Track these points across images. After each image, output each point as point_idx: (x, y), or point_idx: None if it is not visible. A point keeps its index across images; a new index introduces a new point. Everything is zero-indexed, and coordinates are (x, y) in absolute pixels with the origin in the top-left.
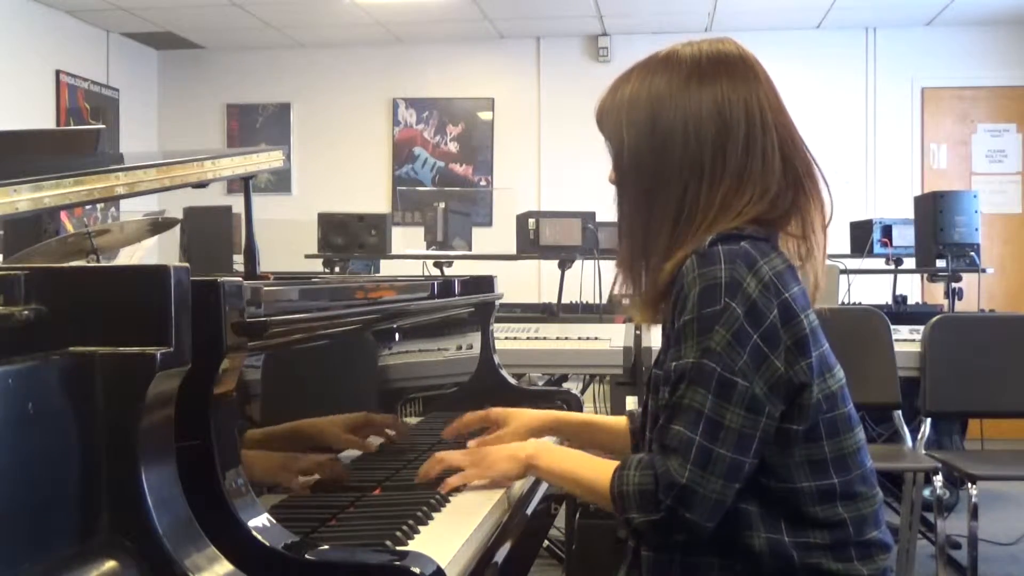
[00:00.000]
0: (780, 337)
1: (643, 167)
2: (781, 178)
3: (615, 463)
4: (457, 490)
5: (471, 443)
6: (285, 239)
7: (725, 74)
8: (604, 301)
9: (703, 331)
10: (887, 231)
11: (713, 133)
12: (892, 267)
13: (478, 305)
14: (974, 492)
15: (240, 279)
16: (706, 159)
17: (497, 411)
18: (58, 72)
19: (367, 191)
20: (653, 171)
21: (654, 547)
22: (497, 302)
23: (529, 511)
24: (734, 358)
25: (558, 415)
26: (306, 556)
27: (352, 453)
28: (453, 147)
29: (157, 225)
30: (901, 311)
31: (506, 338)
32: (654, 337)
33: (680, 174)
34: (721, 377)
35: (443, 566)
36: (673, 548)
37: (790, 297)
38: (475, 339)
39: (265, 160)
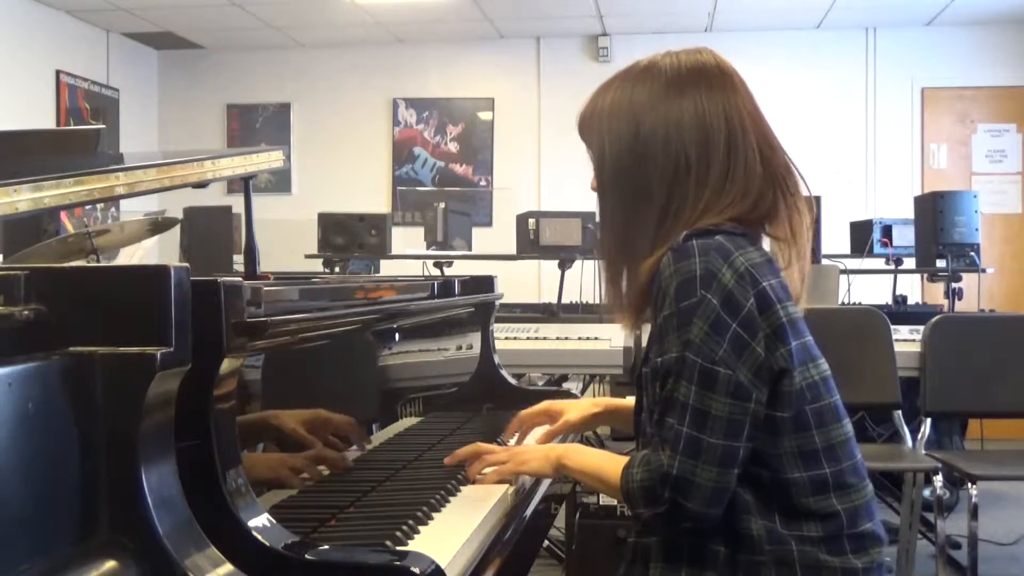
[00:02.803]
0: (758, 324)
1: (625, 175)
2: (762, 182)
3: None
4: (458, 489)
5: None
6: (285, 239)
7: (704, 83)
8: (604, 301)
9: (682, 324)
10: (887, 231)
11: (694, 140)
12: (892, 267)
13: (478, 305)
14: (974, 492)
15: (240, 279)
16: (691, 165)
17: (555, 403)
18: (58, 72)
19: (367, 191)
20: (636, 178)
21: (669, 535)
22: (497, 302)
23: (529, 511)
24: (713, 348)
25: (613, 402)
26: (306, 556)
27: (351, 453)
28: (453, 147)
29: (157, 225)
30: (901, 311)
31: (506, 338)
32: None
33: (663, 181)
34: (702, 368)
35: (443, 566)
36: (680, 535)
37: (767, 287)
38: (475, 339)
39: (265, 160)
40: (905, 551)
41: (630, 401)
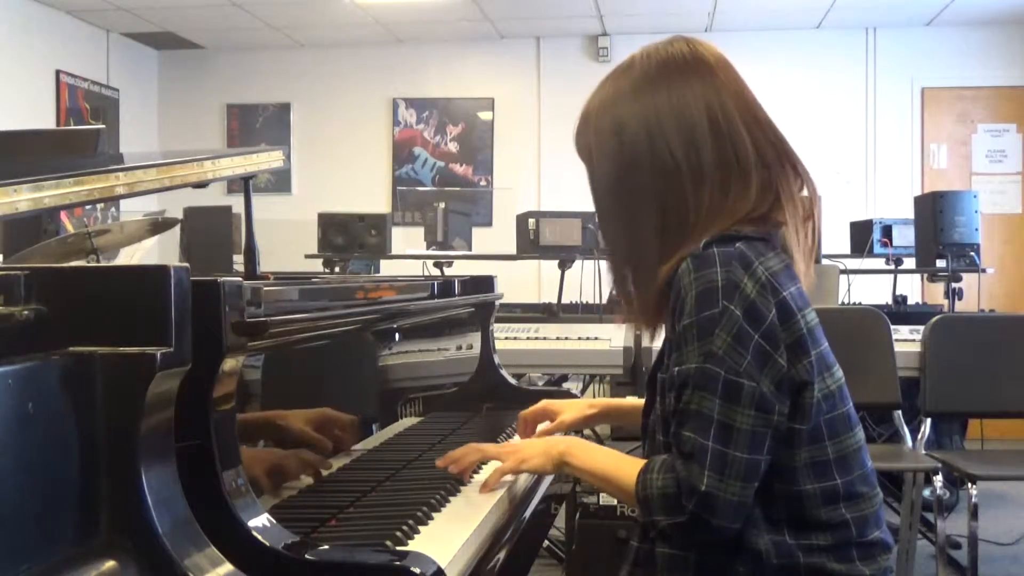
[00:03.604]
0: (780, 336)
1: (618, 183)
2: (757, 162)
3: (642, 462)
4: (458, 489)
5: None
6: (285, 239)
7: (676, 74)
8: (604, 301)
9: (703, 335)
10: (887, 231)
11: (677, 135)
12: (892, 267)
13: (478, 305)
14: (974, 492)
15: (240, 279)
16: (679, 161)
17: (552, 402)
18: (58, 72)
19: (367, 191)
20: (627, 185)
21: (680, 546)
22: (497, 302)
23: (529, 511)
24: (737, 360)
25: (609, 402)
26: (306, 556)
27: (351, 453)
28: (453, 147)
29: (157, 225)
30: (901, 311)
31: (506, 338)
32: (654, 337)
33: (654, 182)
34: (726, 380)
35: (443, 566)
36: (688, 547)
37: (787, 296)
38: (475, 339)
39: (265, 160)
40: (905, 551)
41: (627, 401)
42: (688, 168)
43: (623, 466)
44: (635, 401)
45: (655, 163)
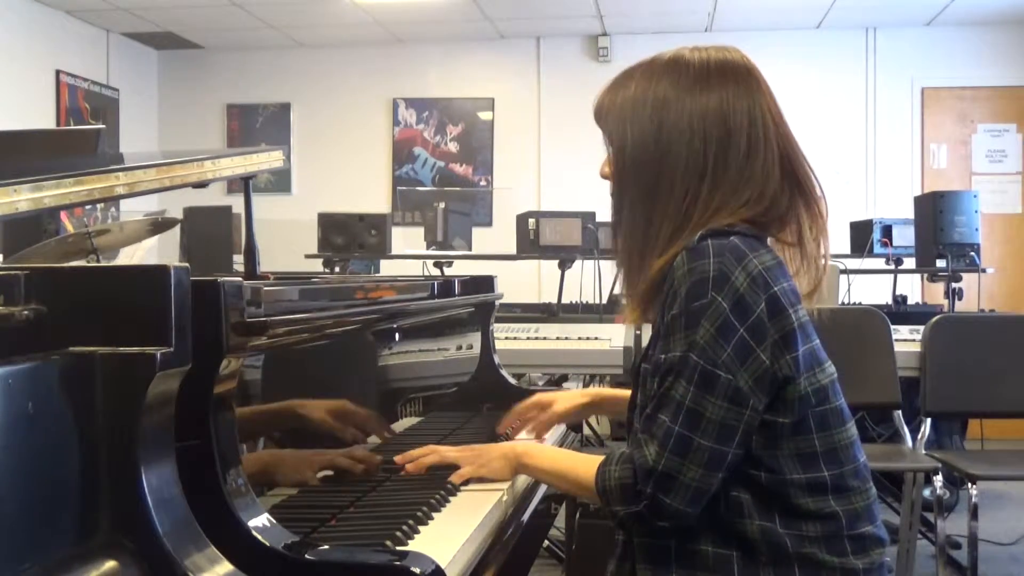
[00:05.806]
0: (767, 330)
1: (646, 167)
2: (779, 184)
3: (600, 459)
4: (458, 490)
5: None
6: (285, 239)
7: (731, 82)
8: (604, 301)
9: (690, 325)
10: (887, 231)
11: (717, 137)
12: (892, 267)
13: (478, 305)
14: (974, 492)
15: (240, 279)
16: (709, 162)
17: (545, 394)
18: (58, 72)
19: (367, 191)
20: (656, 171)
21: (648, 534)
22: (497, 302)
23: (529, 511)
24: (717, 351)
25: (599, 392)
26: (306, 556)
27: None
28: (453, 147)
29: (157, 225)
30: (901, 311)
31: (506, 338)
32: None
33: (683, 175)
34: (703, 370)
35: (443, 566)
36: (669, 535)
37: (779, 291)
38: (475, 339)
39: (265, 160)
40: (905, 551)
41: (620, 391)
42: (712, 170)
43: (581, 463)
44: (627, 392)
45: (689, 156)
